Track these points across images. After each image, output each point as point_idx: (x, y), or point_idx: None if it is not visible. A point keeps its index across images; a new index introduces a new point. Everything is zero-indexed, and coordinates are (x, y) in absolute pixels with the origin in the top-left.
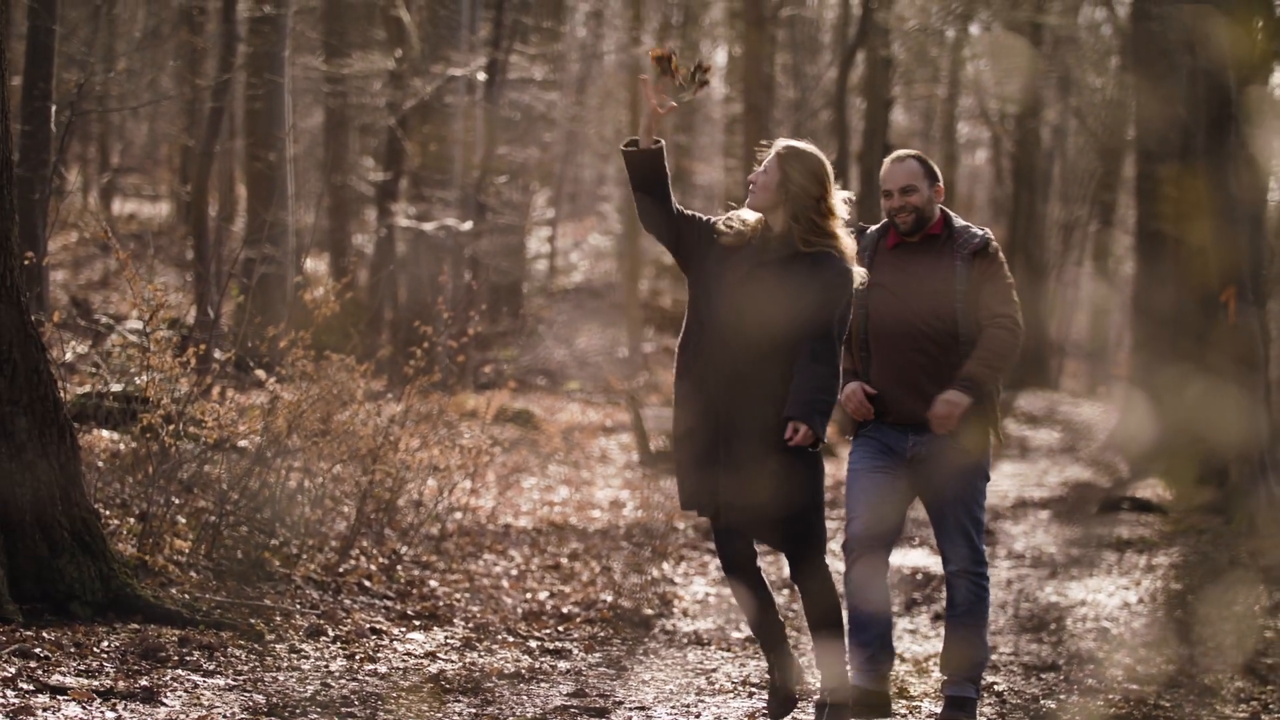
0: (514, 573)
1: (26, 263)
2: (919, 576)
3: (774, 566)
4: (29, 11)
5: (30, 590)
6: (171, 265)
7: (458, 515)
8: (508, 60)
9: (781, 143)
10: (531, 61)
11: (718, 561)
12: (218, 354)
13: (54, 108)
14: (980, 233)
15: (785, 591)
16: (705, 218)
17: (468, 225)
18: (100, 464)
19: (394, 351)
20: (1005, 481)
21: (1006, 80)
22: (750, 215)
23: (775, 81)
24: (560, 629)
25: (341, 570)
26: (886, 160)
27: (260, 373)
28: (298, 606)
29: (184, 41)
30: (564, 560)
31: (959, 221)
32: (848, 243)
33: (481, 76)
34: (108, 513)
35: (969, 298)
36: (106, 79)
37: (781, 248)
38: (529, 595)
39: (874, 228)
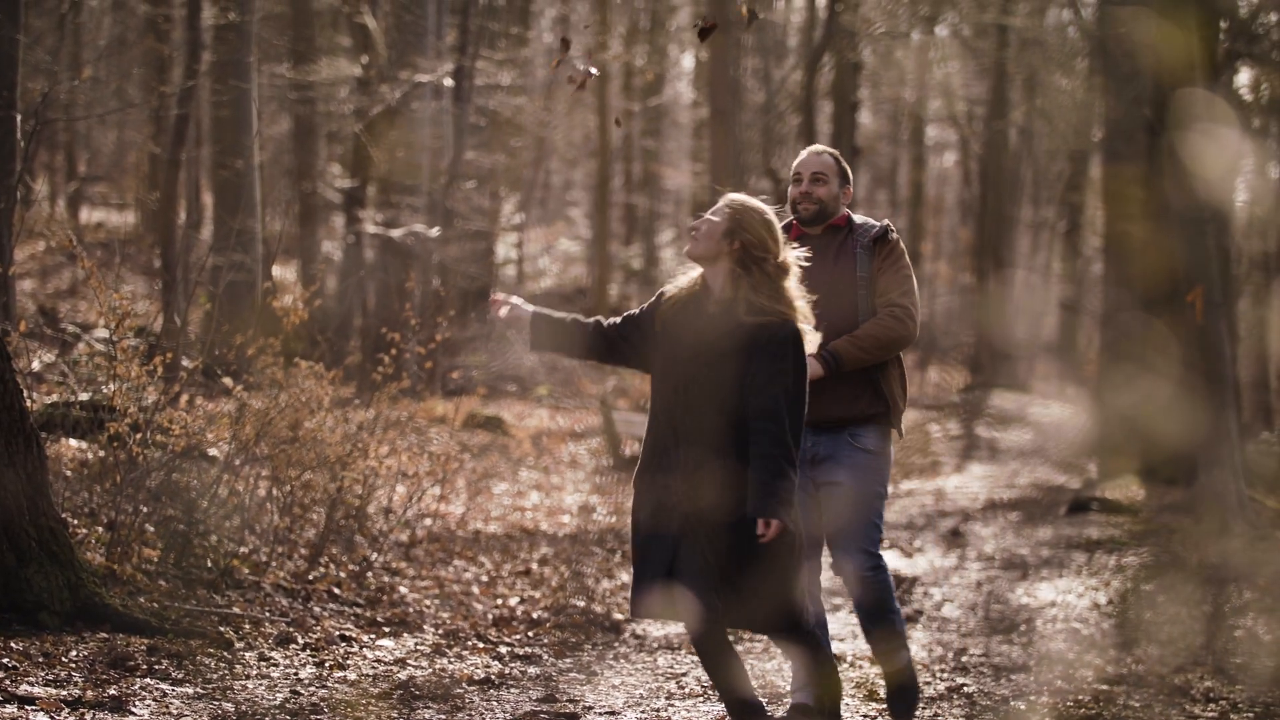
0: (484, 578)
1: None
2: (892, 579)
3: None
4: None
5: None
6: (139, 273)
7: (427, 522)
8: (474, 66)
9: (732, 195)
10: (498, 67)
11: None
12: (186, 362)
13: (19, 117)
14: (880, 223)
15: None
16: (642, 308)
17: (436, 231)
18: (68, 473)
19: (363, 358)
20: (975, 483)
21: (973, 82)
22: (688, 275)
23: (742, 85)
24: (530, 634)
25: (311, 578)
26: (804, 150)
27: (228, 380)
28: (267, 614)
29: (149, 49)
30: (534, 566)
31: (860, 217)
32: (801, 304)
33: (448, 82)
34: (75, 522)
35: (869, 285)
36: (72, 87)
37: (722, 316)
38: (499, 601)
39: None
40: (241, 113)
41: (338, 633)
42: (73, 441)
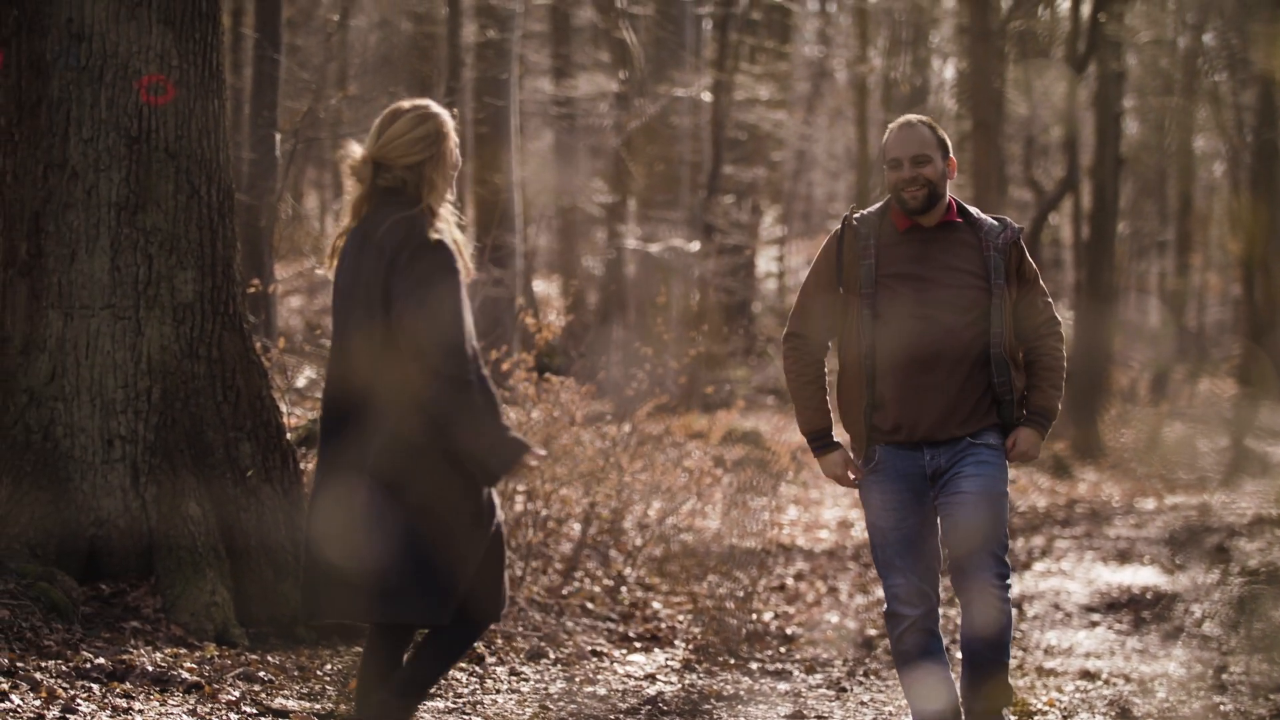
0: (739, 594)
1: (251, 290)
2: (1149, 595)
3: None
4: (254, 42)
5: (256, 614)
6: None
7: (683, 537)
8: (733, 80)
9: None
10: (757, 81)
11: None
12: None
13: (278, 136)
14: (1000, 221)
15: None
16: None
17: (695, 246)
18: None
19: (621, 373)
20: (1244, 499)
21: (1241, 90)
22: None
23: (1004, 97)
24: (782, 650)
25: (565, 592)
26: (893, 126)
27: None
28: (520, 629)
29: (413, 68)
30: (790, 581)
31: (969, 206)
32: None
33: (706, 96)
34: None
35: (1003, 296)
36: (336, 106)
37: None
38: (753, 616)
39: (867, 211)
40: (501, 129)
41: (589, 647)
42: None
